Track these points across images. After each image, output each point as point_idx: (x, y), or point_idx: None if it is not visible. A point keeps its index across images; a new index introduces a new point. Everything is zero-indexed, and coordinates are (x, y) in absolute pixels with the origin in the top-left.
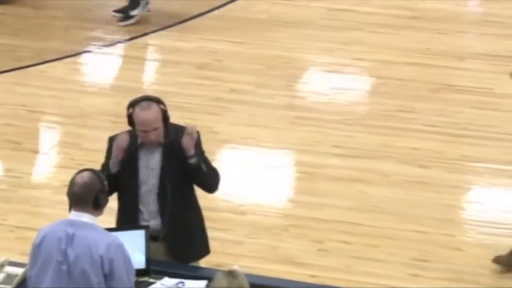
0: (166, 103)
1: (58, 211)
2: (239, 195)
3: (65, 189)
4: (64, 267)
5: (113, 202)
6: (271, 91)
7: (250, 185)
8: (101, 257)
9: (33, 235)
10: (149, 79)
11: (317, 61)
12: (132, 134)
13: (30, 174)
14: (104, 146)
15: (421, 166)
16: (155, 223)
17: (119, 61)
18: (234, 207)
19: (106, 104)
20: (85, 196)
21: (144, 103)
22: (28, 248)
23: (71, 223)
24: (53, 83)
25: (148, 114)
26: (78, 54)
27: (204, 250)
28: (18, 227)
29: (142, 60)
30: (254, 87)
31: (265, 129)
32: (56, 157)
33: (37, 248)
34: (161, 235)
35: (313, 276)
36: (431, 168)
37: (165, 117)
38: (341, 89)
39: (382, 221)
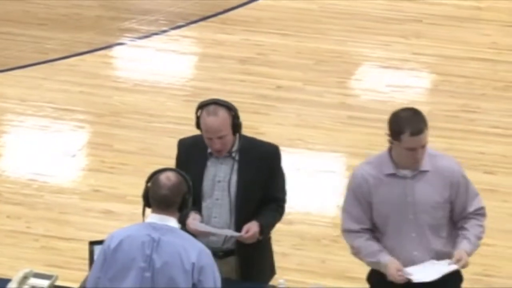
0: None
1: (86, 219)
2: (286, 202)
3: (94, 195)
4: (148, 274)
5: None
6: (321, 88)
7: (298, 191)
8: (193, 264)
9: (59, 245)
10: (188, 75)
11: (372, 56)
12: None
13: (57, 178)
14: (137, 147)
15: (487, 172)
16: (216, 239)
17: (154, 55)
18: None
19: (140, 102)
20: (174, 199)
21: (211, 107)
22: (53, 258)
23: (154, 227)
24: (83, 78)
25: (214, 121)
26: (110, 46)
27: (272, 271)
28: (43, 236)
29: (179, 53)
30: (302, 83)
31: (315, 130)
32: (85, 160)
33: (112, 253)
34: (220, 253)
35: None
36: (498, 174)
37: (234, 125)
38: (399, 87)
39: None
